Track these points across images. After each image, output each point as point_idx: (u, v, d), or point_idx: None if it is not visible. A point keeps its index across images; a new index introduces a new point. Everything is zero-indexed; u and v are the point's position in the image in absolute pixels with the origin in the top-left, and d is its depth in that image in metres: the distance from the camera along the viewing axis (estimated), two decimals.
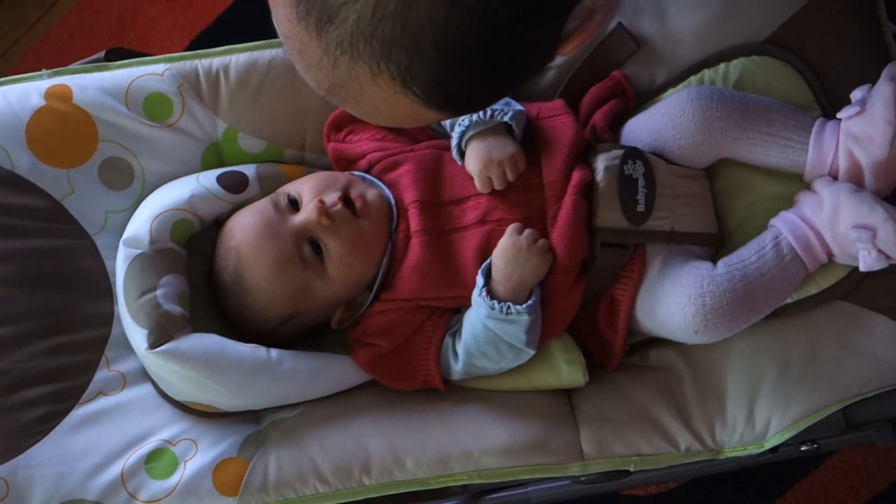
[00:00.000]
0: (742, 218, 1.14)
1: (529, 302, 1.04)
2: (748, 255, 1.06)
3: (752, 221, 1.14)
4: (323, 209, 1.08)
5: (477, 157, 1.10)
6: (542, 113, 1.13)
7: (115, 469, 1.07)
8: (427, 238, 1.09)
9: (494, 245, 1.08)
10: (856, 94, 1.06)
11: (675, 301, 1.05)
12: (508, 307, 1.04)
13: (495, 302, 1.04)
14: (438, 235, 1.09)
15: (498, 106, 1.10)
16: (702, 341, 1.06)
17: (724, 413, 1.09)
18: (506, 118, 1.09)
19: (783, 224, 1.06)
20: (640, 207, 1.07)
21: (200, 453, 1.09)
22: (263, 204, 1.13)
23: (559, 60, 1.20)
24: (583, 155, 1.11)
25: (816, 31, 1.11)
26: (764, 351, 1.08)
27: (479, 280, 1.06)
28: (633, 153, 1.08)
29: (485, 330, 1.06)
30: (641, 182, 1.07)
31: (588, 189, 1.08)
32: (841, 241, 1.03)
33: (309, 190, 1.12)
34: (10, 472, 1.06)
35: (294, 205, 1.12)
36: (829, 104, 1.11)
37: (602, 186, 1.08)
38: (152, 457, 1.08)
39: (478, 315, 1.06)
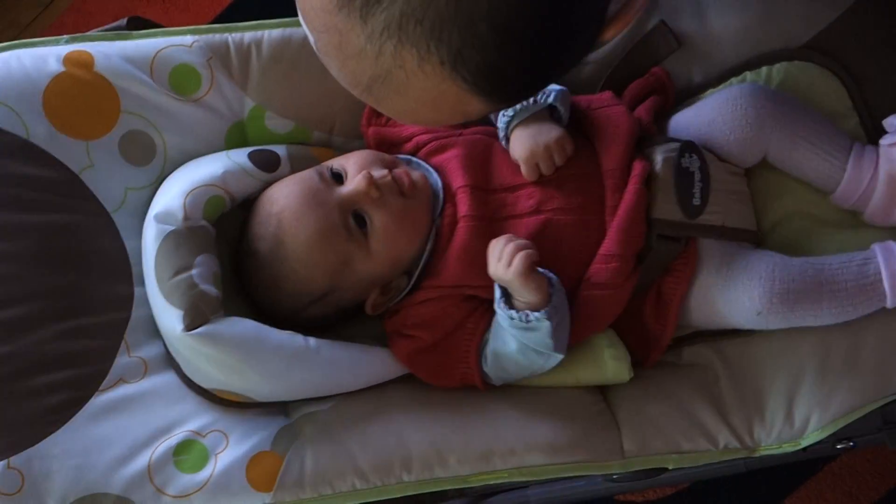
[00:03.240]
0: (776, 219, 1.16)
1: (547, 308, 1.01)
2: (832, 260, 1.06)
3: (787, 223, 1.15)
4: (372, 180, 1.05)
5: (522, 145, 1.08)
6: (593, 104, 1.13)
7: (141, 461, 1.00)
8: (476, 223, 1.06)
9: (550, 235, 1.06)
10: (893, 121, 1.09)
11: (744, 282, 1.05)
12: (527, 315, 1.01)
13: (513, 311, 1.01)
14: (489, 222, 1.07)
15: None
16: (761, 325, 1.07)
17: (762, 410, 1.08)
18: (549, 100, 1.08)
19: (881, 248, 1.06)
20: (696, 201, 1.07)
21: (232, 446, 1.03)
22: (308, 173, 1.09)
23: (599, 55, 1.19)
24: (638, 146, 1.10)
25: (856, 37, 1.14)
26: (803, 348, 1.09)
27: (497, 291, 1.03)
28: (689, 146, 1.08)
29: (511, 339, 1.03)
30: (697, 175, 1.07)
31: (647, 180, 1.07)
32: None
33: (354, 164, 1.08)
34: (24, 463, 0.97)
35: (338, 178, 1.08)
36: (867, 112, 1.14)
37: (660, 178, 1.07)
38: (181, 449, 1.01)
39: (503, 324, 1.04)
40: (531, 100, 1.08)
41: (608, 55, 1.19)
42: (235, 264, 1.13)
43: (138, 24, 1.16)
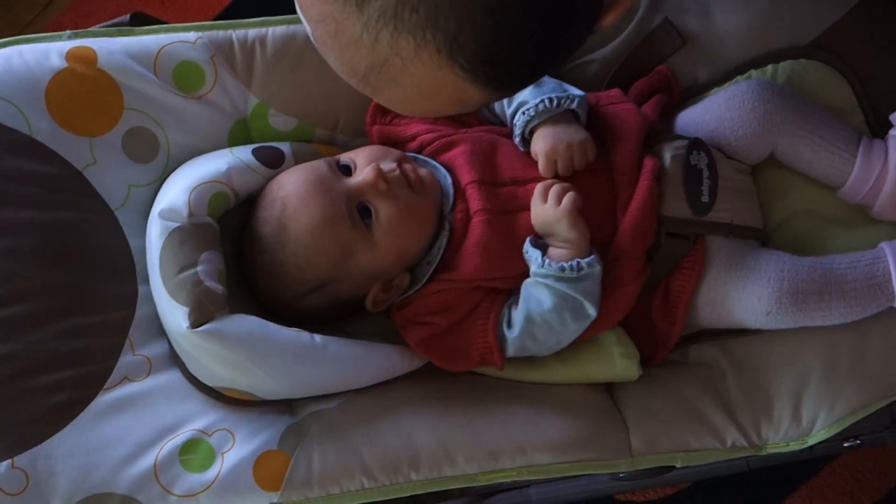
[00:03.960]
0: (782, 217, 1.16)
1: (594, 254, 1.02)
2: (841, 259, 1.07)
3: (792, 222, 1.16)
4: (381, 173, 1.04)
5: (546, 140, 1.07)
6: (601, 101, 1.12)
7: (147, 460, 0.99)
8: (489, 217, 1.05)
9: None
10: None
11: (753, 282, 1.05)
12: (579, 264, 1.01)
13: (563, 264, 1.01)
14: (501, 215, 1.06)
15: (560, 94, 1.08)
16: (769, 325, 1.07)
17: (770, 409, 1.08)
18: (573, 105, 1.08)
19: (889, 248, 1.06)
20: (705, 198, 1.07)
21: (238, 445, 1.02)
22: (318, 163, 1.08)
23: (604, 52, 1.19)
24: (646, 144, 1.10)
25: (861, 36, 1.14)
26: (810, 347, 1.09)
27: (535, 253, 1.03)
28: (697, 144, 1.08)
29: (553, 296, 1.02)
30: (706, 173, 1.08)
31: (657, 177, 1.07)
32: None
33: (364, 157, 1.08)
34: (29, 462, 0.96)
35: (346, 171, 1.08)
36: (872, 110, 1.14)
37: (669, 175, 1.07)
38: (187, 448, 1.00)
39: (543, 283, 1.02)
40: (554, 102, 1.07)
41: (613, 53, 1.19)
42: (238, 258, 1.12)
43: (141, 20, 1.15)
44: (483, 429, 1.05)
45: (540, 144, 1.07)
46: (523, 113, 1.08)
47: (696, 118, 1.13)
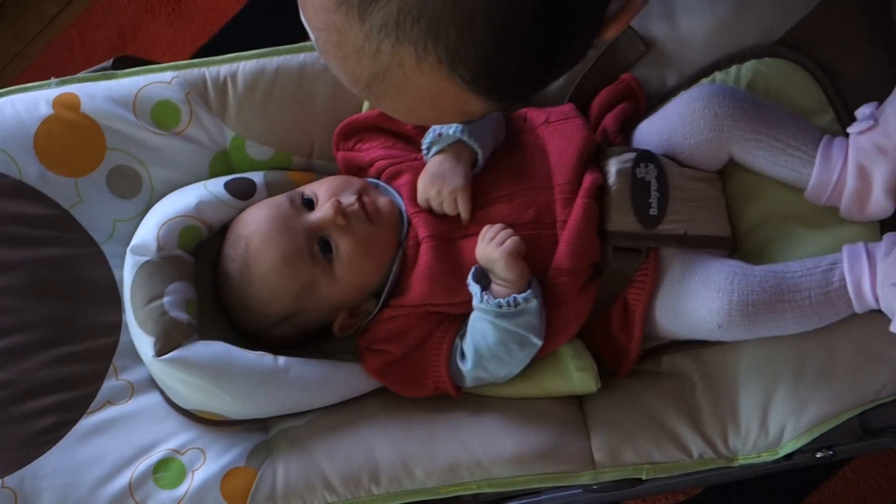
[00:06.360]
0: (755, 221, 1.13)
1: (530, 289, 1.04)
2: (798, 267, 1.04)
3: (765, 225, 1.13)
4: (340, 208, 1.08)
5: (426, 174, 1.10)
6: (551, 117, 1.13)
7: (123, 479, 1.07)
8: (436, 243, 1.08)
9: None
10: (864, 111, 1.05)
11: (703, 295, 1.04)
12: (515, 300, 1.03)
13: (500, 300, 1.03)
14: (446, 241, 1.09)
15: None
16: (724, 337, 1.06)
17: (737, 420, 1.07)
18: (458, 133, 1.09)
19: (848, 252, 1.03)
20: (653, 211, 1.06)
21: (208, 463, 1.08)
22: (280, 199, 1.13)
23: None
24: (594, 158, 1.10)
25: (828, 32, 1.10)
26: (778, 356, 1.06)
27: (475, 288, 1.06)
28: (645, 156, 1.07)
29: (495, 330, 1.04)
30: (654, 185, 1.07)
31: (600, 193, 1.07)
32: (885, 292, 0.99)
33: (325, 191, 1.12)
34: (17, 483, 1.05)
35: (309, 205, 1.12)
36: (843, 106, 1.10)
37: (614, 190, 1.07)
38: (160, 466, 1.08)
39: (485, 318, 1.05)
40: (451, 129, 1.09)
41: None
42: (214, 275, 1.18)
43: (126, 62, 1.23)
44: (442, 443, 1.08)
45: (421, 177, 1.10)
46: (424, 139, 1.11)
47: (653, 128, 1.12)
